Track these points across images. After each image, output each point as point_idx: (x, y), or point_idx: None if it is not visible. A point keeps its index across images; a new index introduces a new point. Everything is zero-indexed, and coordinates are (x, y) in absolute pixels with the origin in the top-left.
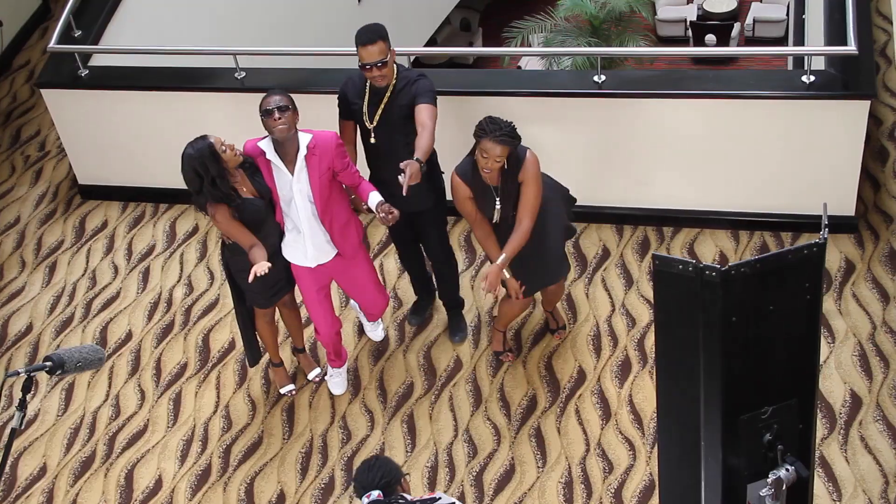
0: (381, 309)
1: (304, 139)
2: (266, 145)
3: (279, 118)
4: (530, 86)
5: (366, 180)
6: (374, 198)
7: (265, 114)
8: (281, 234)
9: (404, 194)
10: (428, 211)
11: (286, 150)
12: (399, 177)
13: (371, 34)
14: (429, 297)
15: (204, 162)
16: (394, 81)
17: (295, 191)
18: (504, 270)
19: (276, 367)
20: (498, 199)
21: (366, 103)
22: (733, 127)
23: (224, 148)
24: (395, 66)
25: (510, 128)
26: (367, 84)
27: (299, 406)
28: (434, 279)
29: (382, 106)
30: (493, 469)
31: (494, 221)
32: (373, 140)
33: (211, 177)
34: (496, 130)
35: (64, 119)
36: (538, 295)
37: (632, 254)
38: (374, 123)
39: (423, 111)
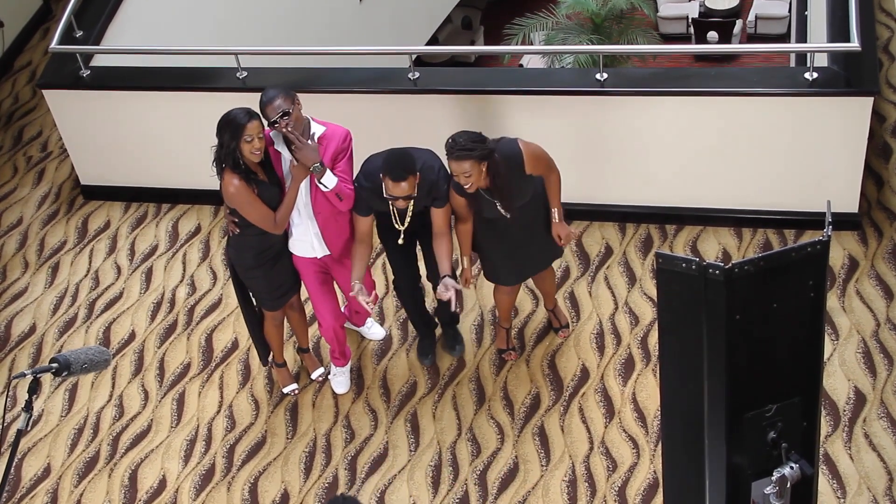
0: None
1: (317, 131)
2: (275, 135)
3: (284, 125)
4: (532, 84)
5: (350, 190)
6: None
7: (270, 125)
8: (286, 236)
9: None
10: None
11: None
12: (445, 293)
13: (403, 172)
14: (431, 331)
15: (222, 126)
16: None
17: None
18: (464, 259)
19: (280, 367)
20: (495, 200)
21: (392, 210)
22: (735, 124)
23: (251, 138)
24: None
25: (465, 139)
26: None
27: (303, 405)
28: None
29: (409, 215)
30: (496, 468)
31: (505, 216)
32: (400, 241)
33: (220, 141)
34: (452, 149)
35: (66, 120)
36: (539, 294)
37: (634, 252)
38: (405, 226)
39: (437, 215)
